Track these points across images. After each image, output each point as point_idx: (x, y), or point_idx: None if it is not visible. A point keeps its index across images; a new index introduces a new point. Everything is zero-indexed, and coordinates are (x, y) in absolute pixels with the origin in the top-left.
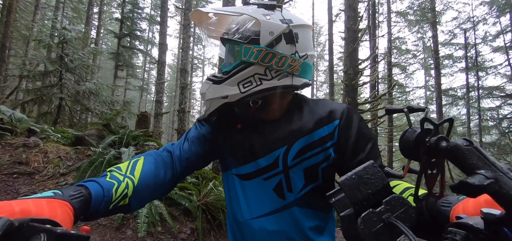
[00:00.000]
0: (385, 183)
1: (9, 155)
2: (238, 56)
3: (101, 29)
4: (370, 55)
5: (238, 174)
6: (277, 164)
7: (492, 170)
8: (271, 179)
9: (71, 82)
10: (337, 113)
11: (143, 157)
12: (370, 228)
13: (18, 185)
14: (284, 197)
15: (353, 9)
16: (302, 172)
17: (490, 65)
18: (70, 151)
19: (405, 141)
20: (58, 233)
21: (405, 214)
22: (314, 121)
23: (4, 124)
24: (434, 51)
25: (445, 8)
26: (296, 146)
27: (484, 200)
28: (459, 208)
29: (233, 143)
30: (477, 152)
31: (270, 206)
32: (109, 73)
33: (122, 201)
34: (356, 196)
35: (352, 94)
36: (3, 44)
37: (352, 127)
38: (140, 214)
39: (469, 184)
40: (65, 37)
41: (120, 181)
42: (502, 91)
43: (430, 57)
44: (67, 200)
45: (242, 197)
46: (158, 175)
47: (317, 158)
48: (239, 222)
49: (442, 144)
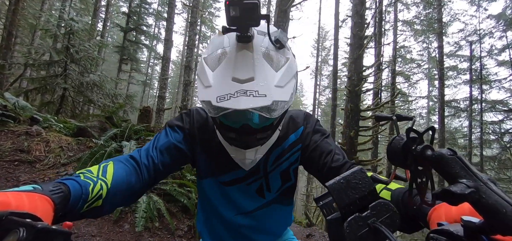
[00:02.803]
0: (371, 188)
1: (11, 142)
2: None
3: (108, 22)
4: (375, 62)
5: (222, 181)
6: (258, 171)
7: (473, 179)
8: (253, 183)
9: (76, 73)
10: (300, 120)
11: (112, 162)
12: (356, 232)
13: (19, 173)
14: (264, 197)
15: (360, 16)
16: (278, 175)
17: (494, 79)
18: (71, 142)
19: (392, 148)
20: (39, 228)
21: (390, 219)
22: (284, 131)
23: (8, 111)
24: (439, 62)
25: (451, 19)
26: (273, 154)
27: (468, 208)
28: (441, 212)
29: (213, 154)
30: (460, 162)
31: (253, 205)
32: (113, 66)
33: (96, 201)
34: (343, 200)
35: (355, 100)
36: (10, 32)
37: (311, 127)
38: (139, 208)
39: (451, 192)
40: (71, 28)
41: (95, 182)
42: (505, 105)
43: (434, 68)
44: (47, 195)
45: (227, 199)
46: (130, 181)
47: (289, 161)
48: (224, 218)
49: (428, 152)
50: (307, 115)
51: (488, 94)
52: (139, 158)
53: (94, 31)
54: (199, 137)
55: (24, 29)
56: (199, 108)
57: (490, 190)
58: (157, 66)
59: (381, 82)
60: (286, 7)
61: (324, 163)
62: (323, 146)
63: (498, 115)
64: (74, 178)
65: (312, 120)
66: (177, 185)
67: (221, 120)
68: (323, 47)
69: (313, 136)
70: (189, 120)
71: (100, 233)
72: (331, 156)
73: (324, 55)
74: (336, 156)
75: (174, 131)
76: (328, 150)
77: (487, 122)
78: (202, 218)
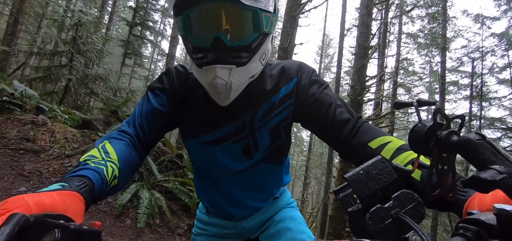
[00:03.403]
0: (393, 178)
1: (17, 130)
2: (256, 27)
3: (114, 16)
4: (378, 73)
5: (206, 141)
6: (244, 128)
7: (505, 164)
8: (239, 143)
9: (81, 65)
10: (293, 71)
11: (107, 141)
12: (378, 223)
13: (24, 161)
14: (251, 157)
15: (366, 26)
16: (267, 133)
17: (494, 97)
18: (76, 134)
19: (415, 134)
20: (72, 229)
21: (415, 209)
22: (274, 83)
23: (15, 99)
24: (440, 76)
25: (455, 35)
26: (261, 110)
27: (502, 195)
28: (474, 202)
29: (197, 113)
30: (490, 146)
31: (240, 166)
32: (117, 60)
33: (113, 182)
34: (364, 192)
35: (357, 109)
36: (16, 19)
37: (307, 78)
38: (141, 204)
39: (481, 179)
40: (80, 20)
41: (105, 165)
42: (504, 123)
43: (435, 81)
44: (77, 191)
45: (213, 160)
46: (131, 154)
47: (279, 117)
48: (213, 179)
49: (453, 138)
50: (302, 65)
51: (488, 111)
52: (129, 130)
53: (101, 23)
54: (180, 95)
55: (29, 17)
56: (178, 66)
57: None
58: (160, 62)
59: (382, 93)
60: (295, 14)
61: (325, 117)
62: (323, 98)
63: (497, 132)
64: (88, 168)
65: (308, 70)
66: (179, 183)
67: (194, 45)
68: (327, 54)
69: (310, 89)
70: (169, 79)
71: (102, 227)
72: (333, 108)
73: (327, 62)
74: (338, 108)
75: (156, 95)
76: (328, 102)
77: None
78: (197, 182)
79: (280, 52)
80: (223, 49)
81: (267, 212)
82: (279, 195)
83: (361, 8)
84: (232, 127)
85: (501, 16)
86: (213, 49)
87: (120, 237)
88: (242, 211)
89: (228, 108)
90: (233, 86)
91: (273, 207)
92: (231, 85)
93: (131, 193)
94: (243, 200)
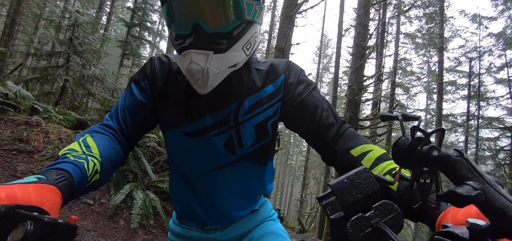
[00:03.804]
0: (375, 188)
1: (10, 131)
2: (237, 15)
3: (112, 16)
4: (376, 73)
5: (186, 132)
6: (228, 120)
7: (480, 181)
8: (221, 135)
9: (78, 65)
10: (281, 69)
11: (88, 134)
12: (359, 232)
13: (17, 162)
14: (234, 152)
15: (363, 27)
16: (253, 128)
17: (491, 96)
18: (71, 134)
19: (398, 147)
20: (45, 222)
21: (394, 220)
22: (262, 78)
23: (9, 100)
24: (438, 76)
25: (453, 35)
26: (247, 102)
27: (475, 211)
28: (448, 216)
29: (177, 102)
30: (467, 163)
31: (220, 161)
32: (115, 60)
33: (94, 177)
34: (347, 200)
35: (354, 109)
36: (14, 19)
37: (294, 77)
38: (135, 205)
39: (457, 194)
40: (77, 20)
41: (87, 160)
42: (501, 123)
43: (433, 81)
44: (54, 185)
45: (191, 154)
46: (115, 149)
47: (267, 113)
48: (188, 178)
49: (434, 153)
50: (290, 64)
51: (485, 110)
52: (112, 123)
53: (98, 24)
54: (161, 84)
55: (27, 17)
56: (161, 55)
57: (497, 193)
58: None
59: (380, 92)
60: (291, 14)
61: (311, 120)
62: (309, 100)
63: (494, 132)
64: (68, 161)
65: (296, 69)
66: None
67: (176, 32)
68: (325, 54)
69: (296, 88)
70: (150, 69)
71: (95, 228)
72: (319, 111)
73: (326, 63)
74: (324, 112)
75: (139, 87)
76: (314, 105)
77: (483, 139)
78: (171, 182)
79: (276, 52)
80: (202, 35)
81: (245, 225)
82: (259, 207)
83: (359, 8)
84: (214, 118)
85: (498, 16)
86: (192, 35)
87: (113, 238)
88: (216, 219)
89: (212, 98)
90: (211, 72)
91: (253, 220)
92: (208, 71)
93: (125, 194)
94: (219, 204)
